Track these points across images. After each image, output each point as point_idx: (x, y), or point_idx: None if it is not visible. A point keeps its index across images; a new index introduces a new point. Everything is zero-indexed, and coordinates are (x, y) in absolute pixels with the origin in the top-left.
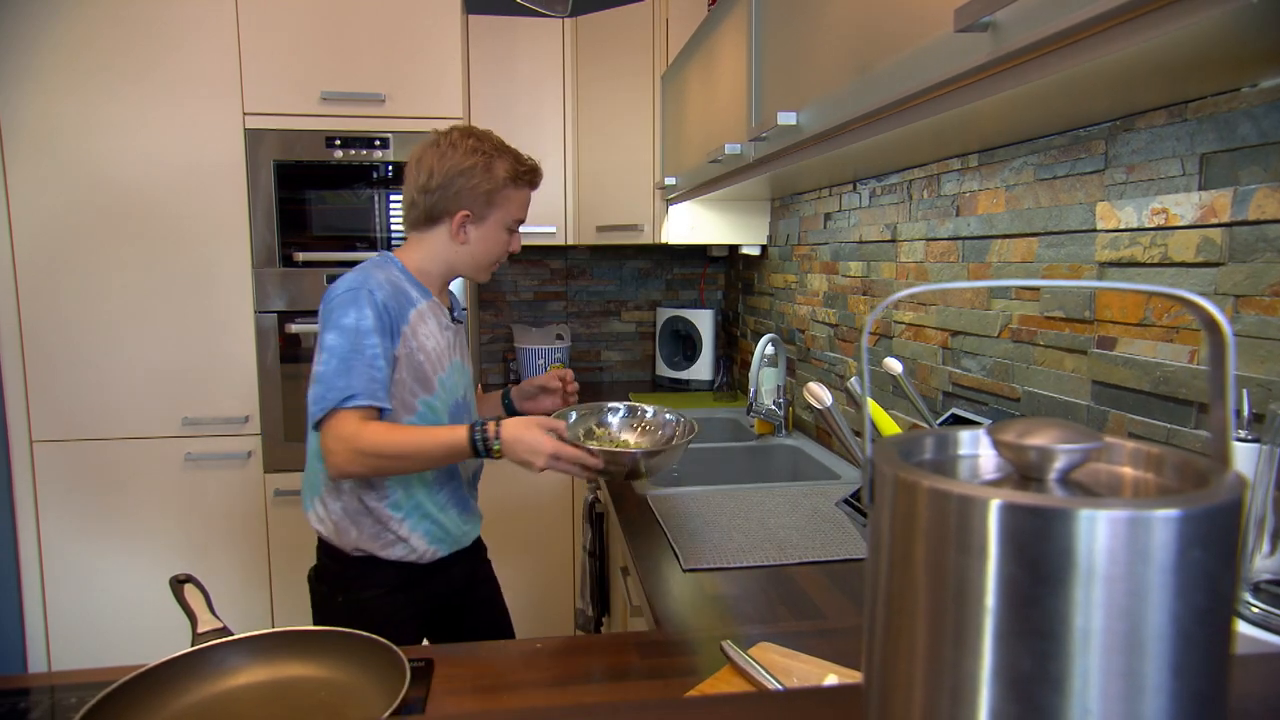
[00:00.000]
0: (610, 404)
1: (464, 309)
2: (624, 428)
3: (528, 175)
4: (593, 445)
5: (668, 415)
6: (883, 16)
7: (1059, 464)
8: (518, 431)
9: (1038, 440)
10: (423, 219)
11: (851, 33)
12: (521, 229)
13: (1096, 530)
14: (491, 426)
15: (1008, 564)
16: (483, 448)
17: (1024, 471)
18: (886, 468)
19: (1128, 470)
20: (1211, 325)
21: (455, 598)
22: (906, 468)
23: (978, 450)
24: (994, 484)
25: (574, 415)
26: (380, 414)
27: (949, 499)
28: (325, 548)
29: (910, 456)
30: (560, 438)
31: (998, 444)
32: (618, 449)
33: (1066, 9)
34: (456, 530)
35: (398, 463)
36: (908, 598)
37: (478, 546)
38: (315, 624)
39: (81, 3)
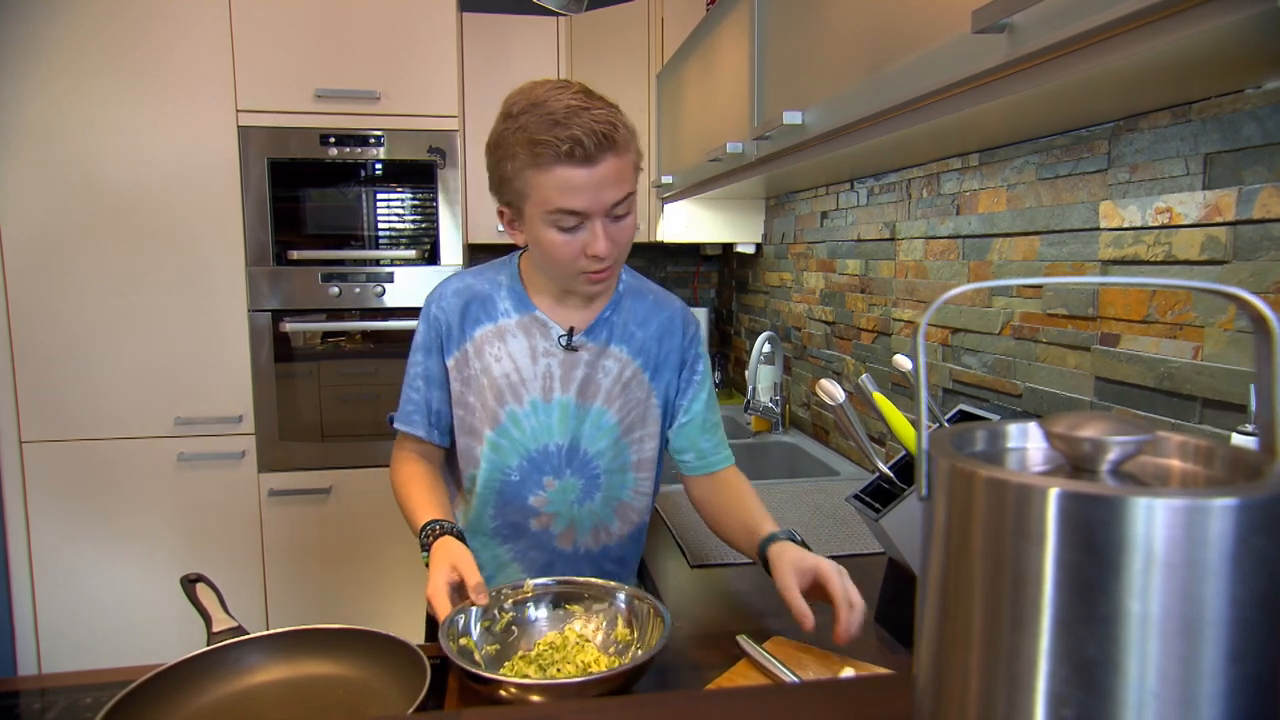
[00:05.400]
0: (541, 584)
1: (586, 336)
2: (554, 620)
3: (551, 150)
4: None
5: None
6: (896, 16)
7: (1112, 455)
8: (438, 554)
9: (1091, 432)
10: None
11: (862, 32)
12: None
13: (1157, 518)
14: (441, 530)
15: (1068, 551)
16: (423, 549)
17: (1076, 463)
18: (944, 460)
19: (1176, 462)
20: (1260, 321)
21: None
22: (964, 459)
23: (1026, 443)
24: (1049, 474)
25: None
26: (427, 435)
27: (1008, 489)
28: None
29: (962, 449)
30: (461, 590)
31: (1050, 436)
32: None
33: (1085, 13)
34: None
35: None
36: (965, 585)
37: None
38: None
39: (74, 2)
